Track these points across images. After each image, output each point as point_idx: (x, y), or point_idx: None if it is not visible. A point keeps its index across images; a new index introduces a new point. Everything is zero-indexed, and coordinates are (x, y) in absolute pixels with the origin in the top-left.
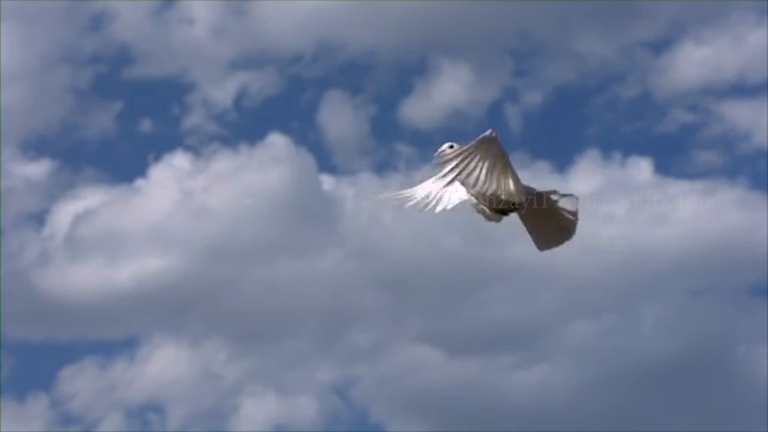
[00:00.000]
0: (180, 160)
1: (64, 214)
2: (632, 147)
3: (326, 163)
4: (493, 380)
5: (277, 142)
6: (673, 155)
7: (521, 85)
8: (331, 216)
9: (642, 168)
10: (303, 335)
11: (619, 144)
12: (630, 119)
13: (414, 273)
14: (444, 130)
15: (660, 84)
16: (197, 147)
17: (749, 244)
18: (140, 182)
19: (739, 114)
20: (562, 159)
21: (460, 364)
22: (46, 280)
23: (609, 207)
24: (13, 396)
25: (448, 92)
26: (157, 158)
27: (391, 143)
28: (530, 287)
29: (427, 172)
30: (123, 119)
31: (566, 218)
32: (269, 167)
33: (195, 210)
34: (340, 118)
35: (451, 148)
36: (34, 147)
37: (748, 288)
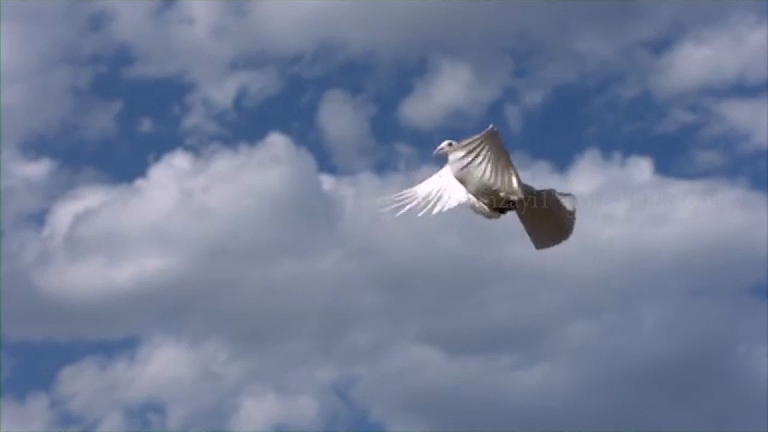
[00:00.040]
0: (180, 160)
1: (64, 214)
2: (632, 147)
3: (326, 163)
4: (493, 380)
5: (277, 142)
6: (673, 155)
7: (521, 85)
8: (331, 216)
9: (642, 168)
10: (303, 335)
11: (619, 144)
12: (630, 119)
13: (414, 273)
14: (444, 130)
15: (660, 84)
16: (197, 147)
17: (749, 244)
18: (140, 182)
19: (739, 114)
20: (562, 159)
21: (460, 364)
22: (46, 280)
23: (609, 207)
24: (13, 396)
25: (448, 92)
26: (157, 158)
27: (391, 143)
28: (530, 287)
29: (428, 172)
30: (123, 119)
31: (564, 217)
32: (269, 167)
33: (195, 210)
34: (340, 118)
35: (451, 146)
36: (34, 147)
37: (748, 288)
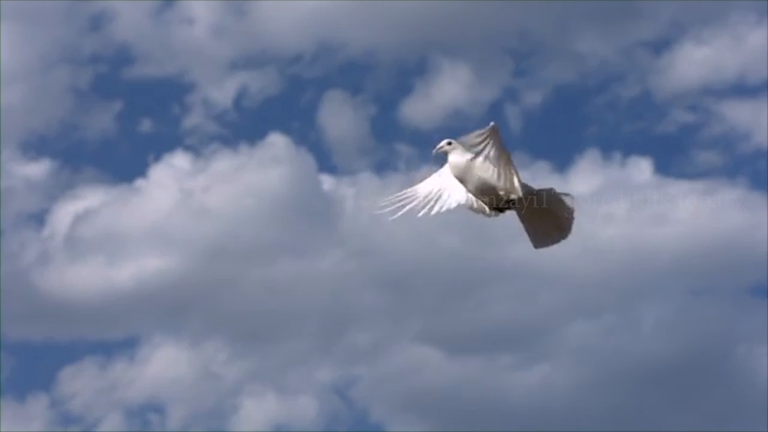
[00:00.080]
0: (180, 160)
1: (64, 214)
2: (632, 147)
3: (326, 163)
4: (493, 380)
5: (277, 142)
6: (673, 155)
7: (521, 85)
8: (331, 216)
9: (642, 168)
10: (303, 335)
11: (619, 144)
12: (630, 119)
13: (414, 273)
14: (444, 130)
15: (660, 84)
16: (197, 147)
17: (749, 244)
18: (140, 182)
19: (739, 114)
20: (562, 159)
21: (460, 364)
22: (46, 280)
23: (609, 207)
24: (13, 396)
25: (448, 92)
26: (157, 158)
27: (391, 143)
28: (530, 287)
29: (427, 172)
30: (123, 119)
31: (563, 217)
32: (269, 167)
33: (195, 210)
34: (340, 118)
35: (450, 145)
36: (34, 147)
37: (748, 288)
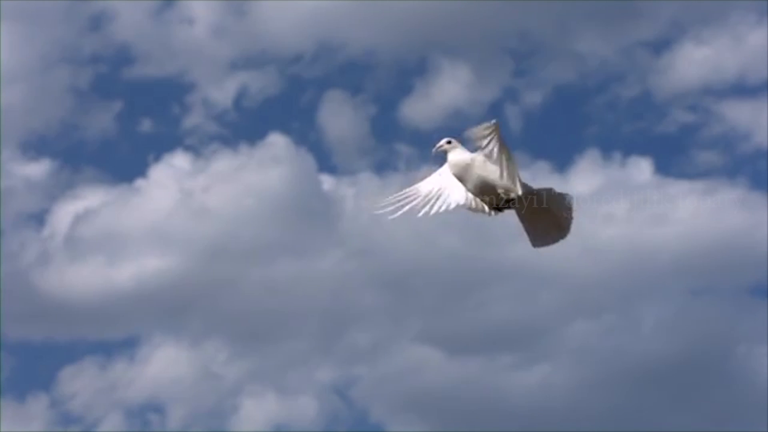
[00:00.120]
0: (180, 160)
1: (64, 214)
2: (632, 147)
3: (326, 163)
4: (493, 380)
5: (277, 142)
6: (673, 155)
7: (521, 85)
8: (331, 216)
9: (642, 168)
10: (303, 335)
11: (619, 144)
12: (630, 119)
13: (414, 273)
14: (444, 130)
15: (660, 84)
16: (197, 147)
17: (749, 244)
18: (140, 182)
19: (739, 114)
20: (562, 159)
21: (460, 364)
22: (46, 280)
23: (609, 207)
24: (13, 396)
25: (448, 92)
26: (157, 158)
27: (391, 143)
28: (530, 287)
29: (427, 172)
30: (123, 119)
31: (562, 217)
32: (269, 167)
33: (195, 210)
34: (340, 118)
35: (449, 144)
36: (34, 147)
37: (748, 288)
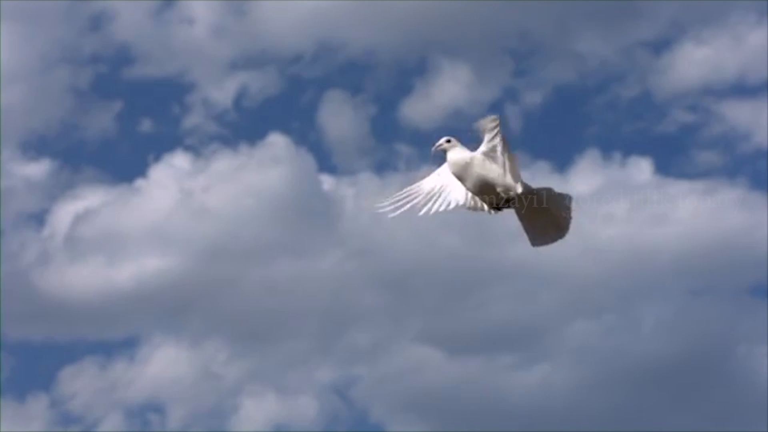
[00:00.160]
0: (180, 160)
1: (64, 214)
2: (632, 147)
3: (326, 163)
4: (493, 380)
5: (277, 142)
6: (673, 155)
7: (521, 85)
8: (331, 216)
9: (642, 168)
10: (303, 335)
11: (619, 144)
12: (630, 119)
13: (414, 273)
14: (444, 130)
15: (660, 84)
16: (197, 147)
17: (749, 244)
18: (140, 182)
19: (739, 114)
20: (562, 159)
21: (460, 364)
22: (46, 280)
23: (609, 207)
24: (13, 396)
25: (448, 92)
26: (157, 158)
27: (391, 143)
28: (530, 287)
29: (427, 172)
30: (123, 119)
31: (561, 216)
32: (269, 167)
33: (195, 210)
34: (340, 118)
35: (449, 142)
36: (34, 147)
37: (748, 288)
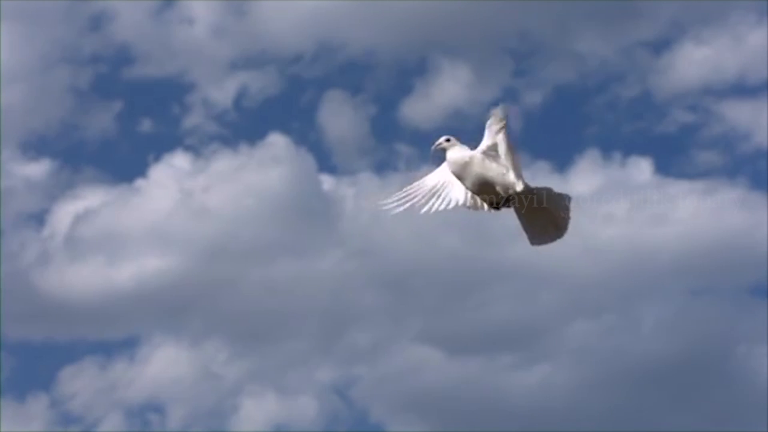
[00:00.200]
0: (180, 160)
1: (64, 214)
2: (632, 147)
3: (326, 163)
4: (493, 380)
5: (277, 142)
6: (673, 155)
7: (521, 85)
8: (331, 216)
9: (642, 168)
10: (303, 335)
11: (619, 144)
12: (630, 119)
13: (414, 273)
14: (444, 130)
15: (660, 84)
16: (197, 147)
17: (749, 244)
18: (140, 182)
19: (739, 114)
20: (562, 159)
21: (460, 364)
22: (46, 280)
23: (609, 207)
24: (13, 396)
25: (448, 92)
26: (157, 158)
27: (391, 143)
28: (530, 287)
29: (427, 172)
30: (123, 119)
31: (559, 216)
32: (269, 167)
33: (195, 210)
34: (340, 118)
35: (448, 141)
36: (34, 147)
37: (748, 288)
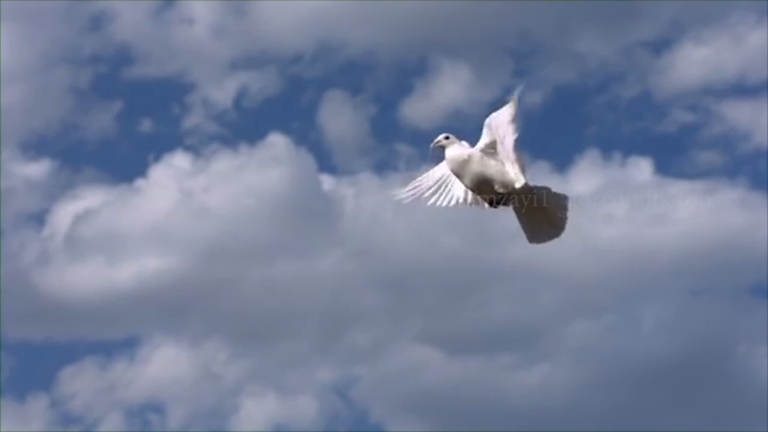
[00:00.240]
0: (180, 160)
1: (64, 214)
2: (632, 147)
3: (326, 163)
4: (493, 380)
5: (277, 142)
6: (673, 155)
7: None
8: (331, 216)
9: (642, 168)
10: (303, 335)
11: (619, 144)
12: (630, 119)
13: (414, 273)
14: (444, 130)
15: (660, 84)
16: (197, 147)
17: (749, 244)
18: (140, 182)
19: (739, 114)
20: (562, 159)
21: (460, 364)
22: (46, 280)
23: (609, 207)
24: (13, 396)
25: (448, 92)
26: (157, 158)
27: (391, 143)
28: (530, 287)
29: (427, 170)
30: (123, 119)
31: (557, 216)
32: (269, 167)
33: (195, 210)
34: (340, 118)
35: (447, 139)
36: (34, 147)
37: (748, 288)
